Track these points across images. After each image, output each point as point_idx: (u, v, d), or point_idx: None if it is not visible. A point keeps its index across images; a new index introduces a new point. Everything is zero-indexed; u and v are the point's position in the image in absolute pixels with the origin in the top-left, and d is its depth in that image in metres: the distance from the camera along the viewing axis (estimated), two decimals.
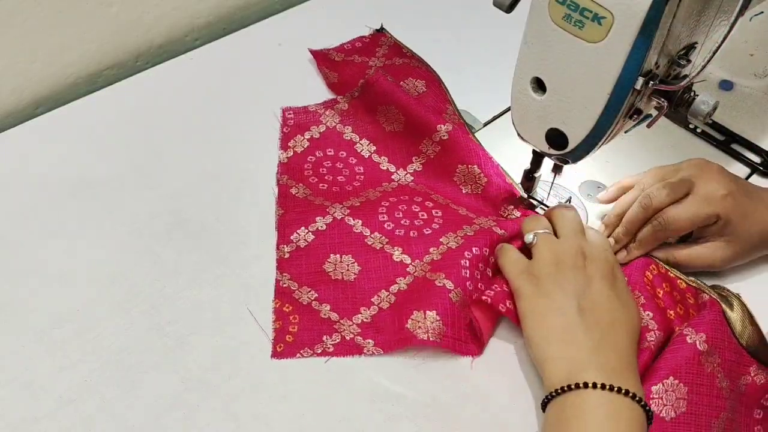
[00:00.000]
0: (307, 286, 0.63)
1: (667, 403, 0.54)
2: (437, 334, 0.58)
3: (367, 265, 0.64)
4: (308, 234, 0.66)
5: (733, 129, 0.77)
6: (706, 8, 0.51)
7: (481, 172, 0.69)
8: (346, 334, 0.60)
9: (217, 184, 0.71)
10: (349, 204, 0.68)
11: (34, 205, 0.68)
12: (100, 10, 0.79)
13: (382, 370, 0.58)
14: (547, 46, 0.54)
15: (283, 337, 0.59)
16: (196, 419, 0.55)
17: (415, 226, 0.66)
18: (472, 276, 0.61)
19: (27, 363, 0.57)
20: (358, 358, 0.59)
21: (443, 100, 0.77)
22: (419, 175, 0.72)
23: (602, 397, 0.51)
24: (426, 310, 0.58)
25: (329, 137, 0.74)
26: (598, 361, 0.53)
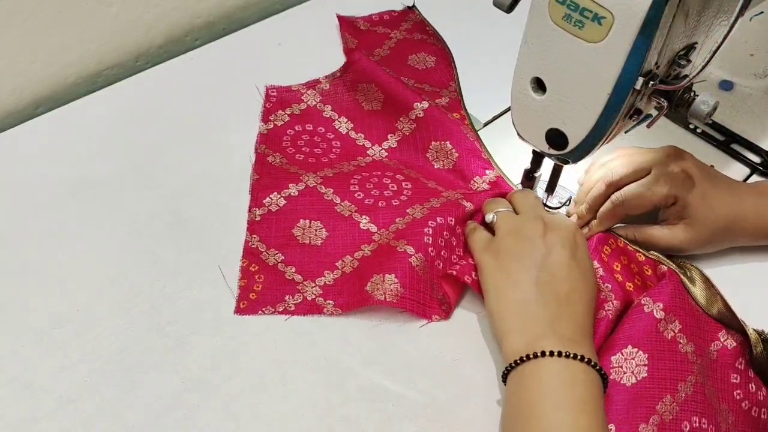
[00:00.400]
0: (275, 249, 0.65)
1: (627, 370, 0.55)
2: (394, 295, 0.60)
3: (334, 232, 0.66)
4: (280, 199, 0.68)
5: (733, 129, 0.77)
6: (706, 8, 0.51)
7: (453, 148, 0.72)
8: (308, 295, 0.62)
9: (217, 184, 0.71)
10: (323, 174, 0.70)
11: (34, 205, 0.68)
12: (100, 10, 0.79)
13: (382, 370, 0.58)
14: (547, 46, 0.54)
15: (247, 295, 0.62)
16: (196, 419, 0.55)
17: (384, 197, 0.68)
18: (435, 243, 0.63)
19: (27, 363, 0.57)
20: (358, 359, 0.59)
21: (449, 77, 0.81)
22: (393, 151, 0.74)
23: (559, 363, 0.52)
24: (385, 274, 0.60)
25: (309, 114, 0.77)
26: (554, 332, 0.54)
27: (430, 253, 0.62)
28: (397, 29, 0.88)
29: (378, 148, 0.74)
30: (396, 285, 0.60)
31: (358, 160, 0.73)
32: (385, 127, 0.75)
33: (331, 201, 0.68)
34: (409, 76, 0.81)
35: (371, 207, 0.68)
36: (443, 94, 0.78)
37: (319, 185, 0.69)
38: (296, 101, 0.78)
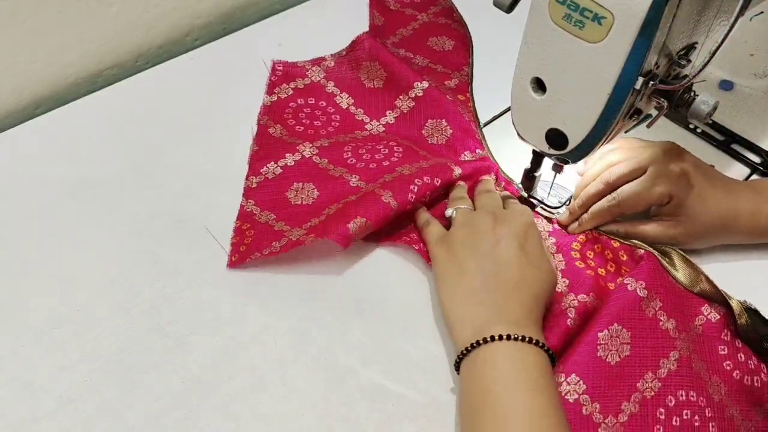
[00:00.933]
0: (269, 210, 0.68)
1: (612, 348, 0.56)
2: (366, 228, 0.63)
3: (325, 190, 0.69)
4: (277, 168, 0.71)
5: (733, 129, 0.77)
6: (706, 8, 0.51)
7: (447, 125, 0.74)
8: (293, 237, 0.64)
9: (217, 184, 0.71)
10: (319, 144, 0.73)
11: (34, 205, 0.68)
12: (100, 10, 0.79)
13: (382, 370, 0.58)
14: (547, 46, 0.54)
15: (238, 248, 0.65)
16: (196, 419, 0.55)
17: (376, 160, 0.71)
18: (416, 202, 0.66)
19: (27, 363, 0.57)
20: (358, 359, 0.59)
21: (464, 62, 0.84)
22: (390, 126, 0.77)
23: (509, 347, 0.53)
24: (361, 217, 0.63)
25: (312, 89, 0.80)
26: (501, 317, 0.55)
27: (410, 199, 0.65)
28: (424, 12, 0.91)
29: (376, 123, 0.77)
30: (364, 221, 0.63)
31: (356, 134, 0.75)
32: (385, 104, 0.78)
33: (325, 169, 0.71)
34: (425, 56, 0.84)
35: (362, 169, 0.71)
36: (454, 76, 0.81)
37: (314, 156, 0.72)
38: (301, 76, 0.80)
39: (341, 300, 0.63)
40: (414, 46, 0.86)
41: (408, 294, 0.64)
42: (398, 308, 0.62)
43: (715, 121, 0.78)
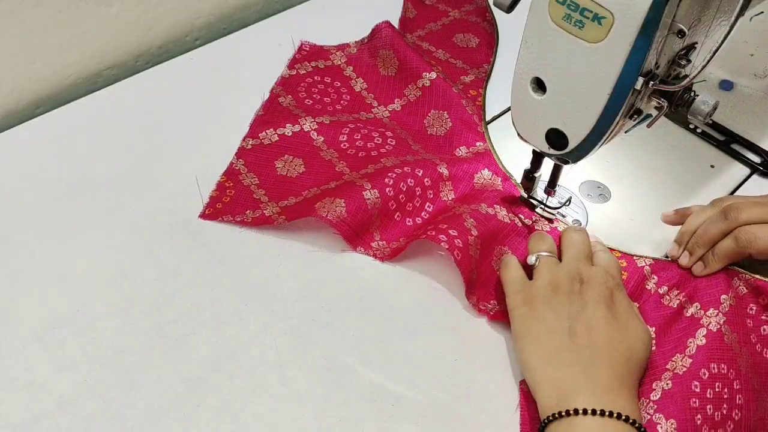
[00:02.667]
0: (254, 173, 0.70)
1: None
2: (336, 215, 0.64)
3: (311, 170, 0.71)
4: (274, 135, 0.73)
5: (733, 129, 0.77)
6: (706, 8, 0.51)
7: (449, 118, 0.75)
8: (267, 212, 0.67)
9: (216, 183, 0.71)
10: (320, 120, 0.75)
11: (34, 205, 0.68)
12: (100, 10, 0.79)
13: (382, 370, 0.58)
14: (547, 46, 0.54)
15: (214, 204, 0.68)
16: (196, 419, 0.55)
17: (366, 148, 0.73)
18: (395, 186, 0.66)
19: (27, 363, 0.57)
20: (358, 359, 0.59)
21: (485, 60, 0.86)
22: (396, 113, 0.78)
23: (593, 423, 0.49)
24: (336, 198, 0.65)
25: (332, 70, 0.82)
26: (588, 382, 0.51)
27: (387, 193, 0.66)
28: (458, 9, 0.93)
29: (383, 108, 0.78)
30: (342, 209, 0.64)
31: (360, 114, 0.77)
32: (394, 92, 0.80)
33: (319, 148, 0.73)
34: (447, 50, 0.86)
35: (351, 156, 0.72)
36: (471, 72, 0.83)
37: (312, 131, 0.73)
38: (324, 58, 0.83)
39: (341, 300, 0.63)
40: (438, 40, 0.88)
41: (408, 294, 0.64)
42: (398, 308, 0.62)
43: (715, 121, 0.78)
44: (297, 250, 0.65)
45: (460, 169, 0.69)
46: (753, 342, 0.58)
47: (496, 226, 0.66)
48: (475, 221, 0.64)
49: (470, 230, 0.63)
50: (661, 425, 0.53)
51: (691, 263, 0.62)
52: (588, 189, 0.72)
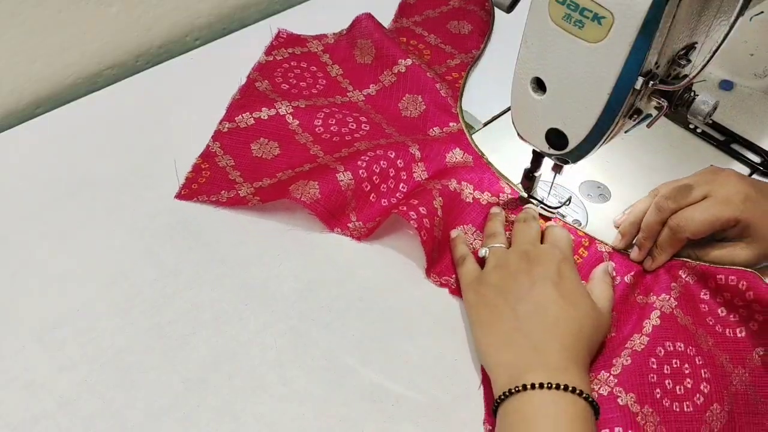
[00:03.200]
0: (230, 156, 0.72)
1: None
2: (310, 197, 0.65)
3: (286, 153, 0.72)
4: (250, 119, 0.74)
5: (733, 129, 0.77)
6: (706, 8, 0.51)
7: (422, 101, 0.77)
8: (241, 192, 0.69)
9: None
10: (296, 104, 0.76)
11: (34, 205, 0.68)
12: (100, 10, 0.79)
13: (382, 370, 0.58)
14: (547, 46, 0.54)
15: (190, 185, 0.70)
16: (196, 419, 0.55)
17: (341, 133, 0.74)
18: (368, 168, 0.68)
19: (27, 363, 0.57)
20: (358, 359, 0.59)
21: (474, 46, 0.87)
22: (371, 98, 0.79)
23: (545, 396, 0.51)
24: (310, 180, 0.66)
25: (308, 56, 0.83)
26: (540, 361, 0.53)
27: (360, 175, 0.67)
28: None
29: (358, 92, 0.80)
30: (315, 191, 0.66)
31: (336, 98, 0.79)
32: (370, 78, 0.81)
33: (294, 131, 0.74)
34: (439, 35, 0.88)
35: (325, 140, 0.74)
36: (458, 57, 0.85)
37: (288, 115, 0.74)
38: (301, 45, 0.84)
39: (341, 300, 0.63)
40: (432, 26, 0.89)
41: (408, 294, 0.64)
42: (398, 308, 0.62)
43: (715, 121, 0.78)
44: (297, 247, 0.65)
45: (432, 150, 0.71)
46: (711, 324, 0.60)
47: (460, 205, 0.68)
48: (443, 199, 0.66)
49: (437, 210, 0.65)
50: (621, 398, 0.55)
51: (641, 258, 0.64)
52: (588, 189, 0.72)
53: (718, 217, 0.60)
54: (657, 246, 0.63)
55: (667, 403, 0.55)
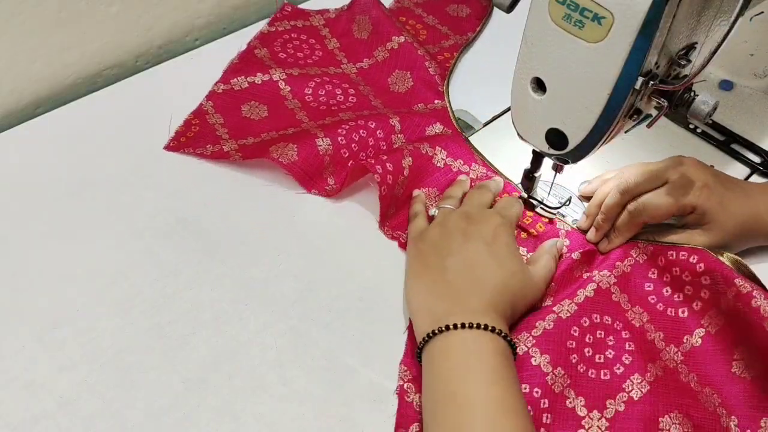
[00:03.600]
0: (220, 114, 0.76)
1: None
2: (287, 158, 0.69)
3: (273, 115, 0.76)
4: (244, 82, 0.78)
5: (733, 129, 0.78)
6: (706, 8, 0.51)
7: (411, 77, 0.81)
8: (226, 148, 0.72)
9: (216, 183, 0.71)
10: (289, 72, 0.79)
11: (34, 205, 0.68)
12: (100, 10, 0.79)
13: (382, 370, 0.58)
14: (547, 46, 0.53)
15: (179, 138, 0.74)
16: (196, 419, 0.55)
17: (328, 104, 0.78)
18: (348, 135, 0.71)
19: (27, 363, 0.57)
20: (358, 359, 0.59)
21: (470, 29, 0.90)
22: (363, 71, 0.83)
23: (465, 335, 0.53)
24: (290, 143, 0.70)
25: (309, 30, 0.87)
26: (461, 307, 0.55)
27: (339, 142, 0.70)
28: None
29: (351, 65, 0.83)
30: (294, 153, 0.69)
31: (329, 69, 0.82)
32: (364, 53, 0.84)
33: (284, 96, 0.78)
34: (437, 17, 0.91)
35: (312, 108, 0.77)
36: (452, 38, 0.88)
37: (281, 81, 0.78)
38: (303, 18, 0.88)
39: (341, 300, 0.63)
40: (432, 8, 0.92)
41: None
42: (398, 308, 0.62)
43: (715, 121, 0.78)
44: (299, 245, 0.65)
45: (412, 122, 0.74)
46: (653, 302, 0.62)
47: (430, 168, 0.70)
48: (412, 159, 0.69)
49: (404, 169, 0.68)
50: (534, 358, 0.57)
51: (597, 239, 0.65)
52: None
53: (675, 202, 0.62)
54: (614, 229, 0.64)
55: (582, 368, 0.58)
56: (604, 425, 0.56)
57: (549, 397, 0.56)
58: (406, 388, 0.57)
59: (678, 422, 0.55)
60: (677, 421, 0.55)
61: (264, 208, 0.69)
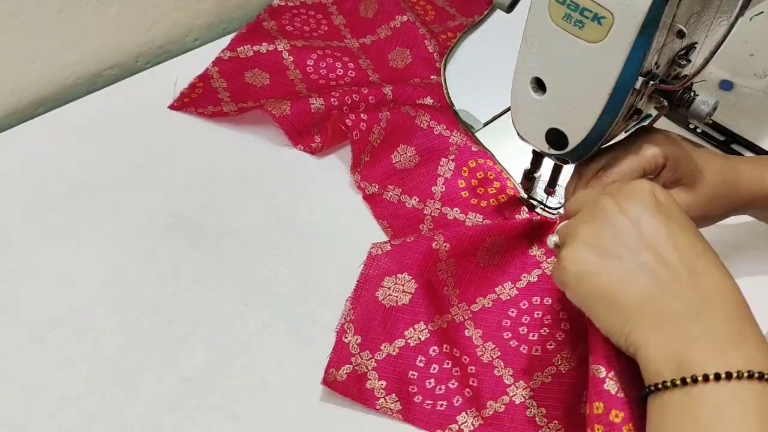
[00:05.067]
0: (224, 79, 0.79)
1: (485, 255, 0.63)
2: (280, 111, 0.72)
3: (275, 84, 0.79)
4: (250, 50, 0.81)
5: (733, 129, 0.77)
6: (706, 8, 0.51)
7: (410, 54, 0.83)
8: (225, 109, 0.76)
9: (216, 183, 0.71)
10: (294, 43, 0.82)
11: (34, 205, 0.68)
12: (100, 10, 0.79)
13: None
14: (547, 46, 0.53)
15: (183, 99, 0.77)
16: (196, 419, 0.55)
17: (327, 77, 0.81)
18: (340, 97, 0.74)
19: (27, 363, 0.57)
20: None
21: (478, 12, 0.92)
22: (365, 46, 0.85)
23: (722, 391, 0.38)
24: (284, 100, 0.73)
25: (317, 6, 0.89)
26: (705, 331, 0.40)
27: (332, 103, 0.73)
28: None
29: (354, 40, 0.86)
30: (287, 107, 0.72)
31: (333, 42, 0.85)
32: (368, 30, 0.86)
33: (287, 66, 0.80)
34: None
35: (312, 80, 0.80)
36: (459, 19, 0.91)
37: (285, 51, 0.81)
38: None
39: (341, 300, 0.63)
40: None
41: None
42: None
43: (715, 121, 0.78)
44: (299, 245, 0.64)
45: (404, 93, 0.77)
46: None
47: (408, 125, 0.72)
48: (390, 115, 0.71)
49: (381, 120, 0.71)
50: (468, 330, 0.61)
51: None
52: None
53: (643, 153, 0.55)
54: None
55: (514, 344, 0.60)
56: (528, 394, 0.57)
57: (477, 366, 0.59)
58: (346, 328, 0.58)
59: None
60: None
61: (264, 208, 0.69)
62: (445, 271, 0.61)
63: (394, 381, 0.57)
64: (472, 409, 0.56)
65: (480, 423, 0.55)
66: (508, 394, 0.57)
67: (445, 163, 0.71)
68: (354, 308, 0.59)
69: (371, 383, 0.56)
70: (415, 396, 0.56)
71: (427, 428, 0.55)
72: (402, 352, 0.58)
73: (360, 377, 0.56)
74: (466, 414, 0.55)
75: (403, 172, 0.71)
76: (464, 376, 0.57)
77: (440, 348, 0.58)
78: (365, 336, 0.58)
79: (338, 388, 0.56)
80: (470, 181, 0.70)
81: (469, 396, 0.56)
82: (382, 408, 0.56)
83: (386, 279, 0.60)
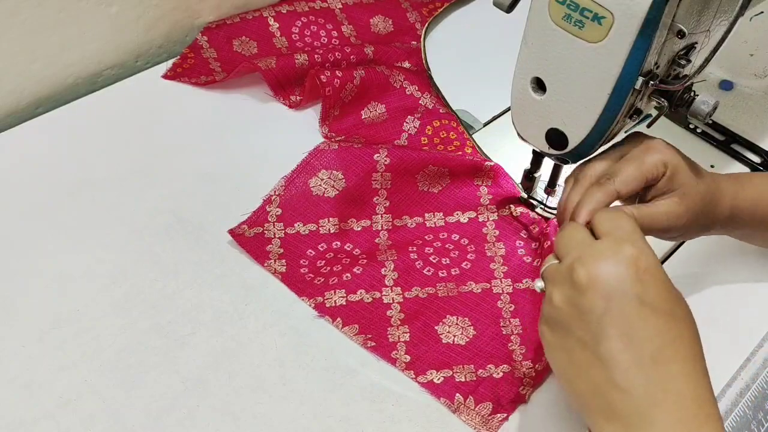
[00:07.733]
0: (214, 49, 0.83)
1: None
2: (266, 64, 0.76)
3: (262, 52, 0.83)
4: (236, 18, 0.84)
5: (733, 129, 0.78)
6: (706, 8, 0.51)
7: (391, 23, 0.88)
8: (218, 78, 0.80)
9: (216, 183, 0.71)
10: (278, 9, 0.85)
11: (34, 205, 0.68)
12: (100, 10, 0.79)
13: (382, 370, 0.58)
14: (547, 46, 0.54)
15: (176, 69, 0.81)
16: (196, 419, 0.55)
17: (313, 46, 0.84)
18: (324, 55, 0.77)
19: (27, 363, 0.57)
20: (358, 359, 0.59)
21: None
22: (347, 7, 0.88)
23: None
24: (270, 56, 0.77)
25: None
26: (709, 415, 0.41)
27: (315, 59, 0.77)
28: None
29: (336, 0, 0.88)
30: (272, 62, 0.77)
31: (316, 3, 0.87)
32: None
33: (273, 33, 0.84)
34: None
35: (298, 48, 0.83)
36: None
37: (270, 17, 0.84)
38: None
39: None
40: None
41: None
42: None
43: (715, 121, 0.78)
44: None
45: (385, 54, 0.80)
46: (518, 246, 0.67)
47: (382, 83, 0.76)
48: (365, 74, 0.75)
49: (354, 78, 0.75)
50: (380, 238, 0.66)
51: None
52: None
53: (644, 160, 0.54)
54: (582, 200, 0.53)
55: (414, 256, 0.64)
56: (399, 299, 0.61)
57: (369, 260, 0.63)
58: (272, 200, 0.66)
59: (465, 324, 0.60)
60: (463, 324, 0.60)
61: None
62: (379, 182, 0.68)
63: (291, 253, 0.64)
64: (342, 290, 0.61)
65: (342, 304, 0.61)
66: (380, 291, 0.62)
67: (411, 120, 0.75)
68: (286, 186, 0.67)
69: (271, 247, 0.64)
70: (302, 268, 0.63)
71: (297, 293, 0.62)
72: (310, 234, 0.66)
73: (265, 240, 0.65)
74: (334, 293, 0.61)
75: (369, 126, 0.75)
76: (352, 265, 0.63)
77: (343, 244, 0.66)
78: (285, 211, 0.67)
79: (241, 240, 0.64)
80: (433, 139, 0.74)
81: (347, 280, 0.62)
82: (268, 267, 0.63)
83: (322, 171, 0.68)
